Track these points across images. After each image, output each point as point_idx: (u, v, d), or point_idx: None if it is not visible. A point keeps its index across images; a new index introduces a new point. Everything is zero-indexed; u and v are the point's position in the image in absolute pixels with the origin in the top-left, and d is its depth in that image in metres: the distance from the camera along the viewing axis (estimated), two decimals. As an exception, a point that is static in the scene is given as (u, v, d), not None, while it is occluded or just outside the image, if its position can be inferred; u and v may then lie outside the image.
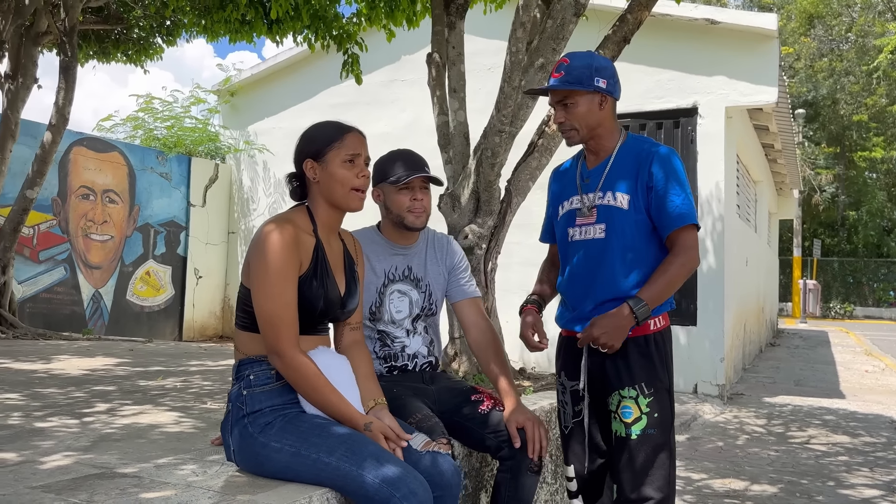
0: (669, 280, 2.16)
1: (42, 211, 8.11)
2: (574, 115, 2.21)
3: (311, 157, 2.08)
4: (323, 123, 2.17)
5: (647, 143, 2.28)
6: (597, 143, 2.28)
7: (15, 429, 2.47)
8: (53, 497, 1.69)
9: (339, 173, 2.05)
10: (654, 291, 2.15)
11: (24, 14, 6.57)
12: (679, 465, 4.68)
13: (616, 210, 2.22)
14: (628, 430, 2.21)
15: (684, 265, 2.18)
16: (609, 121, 2.25)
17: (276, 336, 1.90)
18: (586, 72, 2.17)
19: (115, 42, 7.99)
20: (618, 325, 2.12)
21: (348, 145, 2.08)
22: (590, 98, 2.19)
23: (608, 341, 2.12)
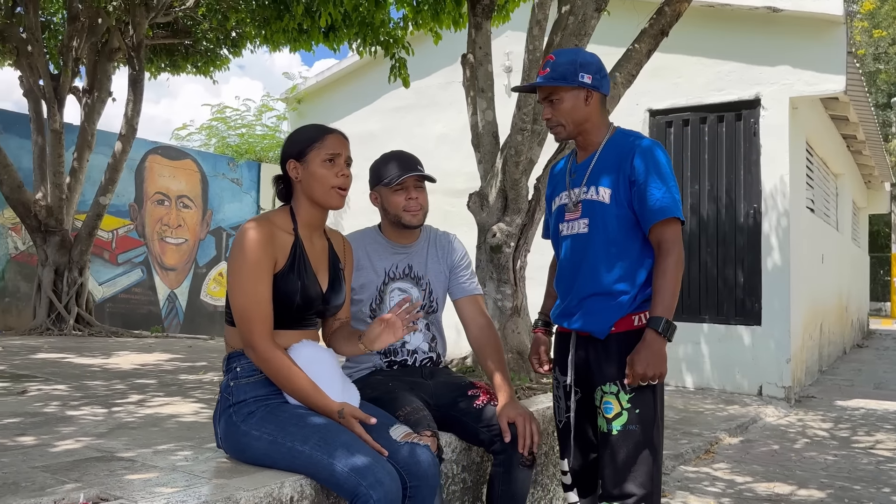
0: (672, 285, 2.14)
1: (120, 216, 8.63)
2: (560, 111, 2.21)
3: (294, 157, 2.17)
4: (306, 126, 2.27)
5: (631, 136, 2.26)
6: (584, 139, 2.28)
7: (47, 416, 2.67)
8: (48, 476, 1.83)
9: (319, 172, 2.13)
10: (665, 303, 2.12)
11: (98, 32, 7.02)
12: (725, 468, 4.56)
13: (598, 204, 2.22)
14: (609, 425, 2.19)
15: (677, 265, 2.15)
16: (596, 115, 2.25)
17: (249, 330, 1.99)
18: (570, 68, 2.18)
19: (185, 55, 8.40)
20: (653, 352, 2.10)
21: (328, 145, 2.16)
22: (575, 94, 2.19)
23: (655, 371, 2.10)
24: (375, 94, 9.73)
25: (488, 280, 4.10)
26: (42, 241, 6.89)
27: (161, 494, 1.72)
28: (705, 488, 4.10)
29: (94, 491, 1.71)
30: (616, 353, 2.21)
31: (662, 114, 7.90)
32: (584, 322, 2.26)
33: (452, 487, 2.51)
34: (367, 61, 9.52)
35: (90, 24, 6.95)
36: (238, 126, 10.96)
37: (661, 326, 2.11)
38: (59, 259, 6.91)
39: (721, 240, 7.49)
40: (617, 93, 4.41)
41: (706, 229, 7.57)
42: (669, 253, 2.15)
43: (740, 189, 7.39)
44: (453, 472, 2.51)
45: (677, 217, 2.16)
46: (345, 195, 2.19)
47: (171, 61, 8.43)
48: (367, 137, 9.91)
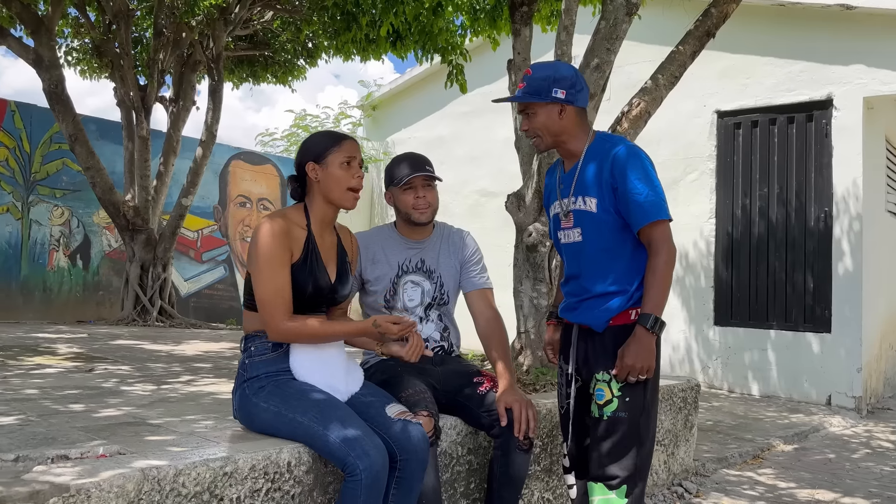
0: (662, 282, 2.24)
1: (205, 217, 9.20)
2: (535, 124, 2.33)
3: (313, 159, 2.38)
4: (323, 132, 2.49)
5: (608, 143, 2.34)
6: (564, 150, 2.39)
7: (102, 390, 3.00)
8: (82, 434, 2.11)
9: (338, 174, 2.34)
10: (654, 300, 2.23)
11: (182, 46, 7.56)
12: (770, 473, 4.49)
13: (587, 214, 2.33)
14: (600, 411, 2.30)
15: (668, 262, 2.25)
16: (573, 127, 2.33)
17: (269, 315, 2.20)
18: (544, 84, 2.28)
19: (264, 65, 8.89)
20: (642, 347, 2.22)
21: (346, 149, 2.37)
22: (549, 108, 2.30)
23: (643, 364, 2.22)
24: (445, 100, 9.95)
25: (525, 278, 4.22)
26: (130, 239, 7.48)
27: (170, 452, 1.96)
28: (742, 491, 4.07)
29: (114, 447, 1.96)
30: (611, 344, 2.32)
31: (730, 115, 7.76)
32: (583, 317, 2.38)
33: (458, 468, 2.66)
34: (437, 69, 9.78)
35: (175, 39, 7.49)
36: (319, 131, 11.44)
37: (650, 323, 2.21)
38: (145, 256, 7.48)
39: (790, 244, 7.29)
40: (659, 94, 4.45)
41: (775, 233, 7.39)
42: (658, 252, 2.24)
43: (811, 192, 7.17)
44: (458, 454, 2.66)
45: (662, 218, 2.24)
46: (357, 197, 2.39)
47: (251, 71, 8.94)
48: (437, 142, 10.17)
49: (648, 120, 4.46)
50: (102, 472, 1.72)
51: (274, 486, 2.06)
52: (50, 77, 6.81)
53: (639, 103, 4.39)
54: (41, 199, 7.92)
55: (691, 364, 7.89)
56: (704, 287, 7.85)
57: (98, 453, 1.89)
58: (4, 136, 7.65)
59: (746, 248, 7.58)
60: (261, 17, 8.11)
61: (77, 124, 6.97)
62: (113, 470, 1.74)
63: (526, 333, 4.23)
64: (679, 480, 4.10)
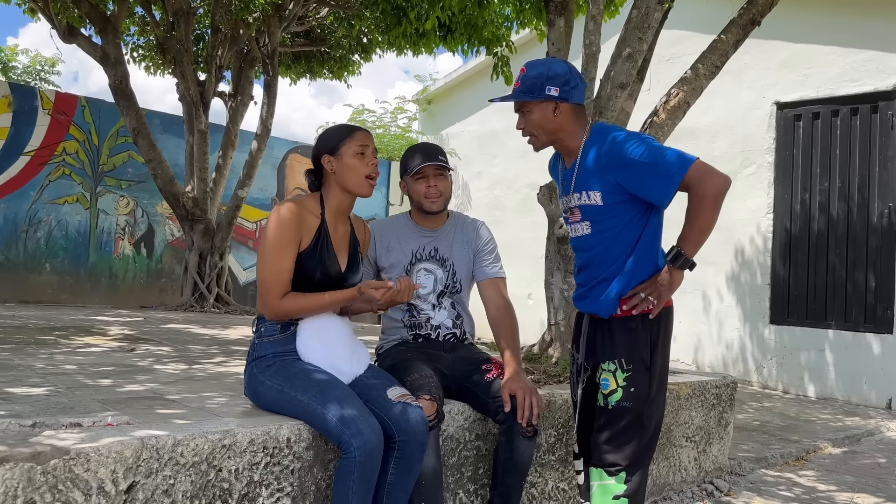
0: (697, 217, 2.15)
1: (264, 209, 9.47)
2: (530, 123, 2.34)
3: (328, 152, 2.46)
4: (336, 125, 2.58)
5: (603, 133, 2.32)
6: (562, 146, 2.39)
7: (135, 367, 3.16)
8: (100, 406, 2.25)
9: (352, 163, 2.42)
10: (685, 234, 2.21)
11: (240, 42, 7.80)
12: (811, 475, 4.36)
13: (593, 208, 2.32)
14: (605, 400, 2.31)
15: (708, 196, 2.14)
16: (569, 124, 2.32)
17: (266, 294, 2.30)
18: (537, 82, 2.28)
19: (320, 61, 9.08)
20: (657, 278, 2.24)
21: (358, 139, 2.44)
22: (543, 106, 2.29)
23: (649, 293, 2.24)
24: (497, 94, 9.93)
25: (555, 270, 4.21)
26: (189, 229, 7.78)
27: (174, 424, 2.07)
28: (777, 492, 3.96)
29: (124, 417, 2.09)
30: (618, 334, 2.32)
31: (791, 107, 7.50)
32: (592, 305, 2.38)
33: (465, 453, 2.70)
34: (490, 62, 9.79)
35: (232, 35, 7.74)
36: (376, 127, 11.60)
37: (671, 256, 2.21)
38: (203, 245, 7.78)
39: (851, 241, 7.01)
40: (699, 84, 4.36)
41: (835, 229, 7.11)
42: (698, 187, 2.15)
43: (874, 187, 6.87)
44: (466, 439, 2.70)
45: (686, 167, 2.16)
46: (373, 184, 2.47)
47: (308, 67, 9.14)
48: (490, 136, 10.18)
49: (687, 110, 4.37)
50: (103, 438, 1.84)
51: (273, 461, 2.14)
52: (115, 73, 7.15)
53: (677, 93, 4.31)
54: (108, 190, 8.33)
55: (745, 363, 7.69)
56: (760, 284, 7.63)
57: (107, 422, 2.01)
58: (75, 129, 8.07)
59: (805, 244, 7.33)
60: (316, 14, 8.29)
61: (140, 118, 7.29)
62: (114, 437, 1.85)
63: (556, 325, 4.22)
64: (711, 478, 4.02)
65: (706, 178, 2.16)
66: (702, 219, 2.18)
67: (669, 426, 3.72)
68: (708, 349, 7.99)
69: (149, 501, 1.88)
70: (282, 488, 2.17)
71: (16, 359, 3.17)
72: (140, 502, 1.86)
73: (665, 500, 3.71)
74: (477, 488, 2.74)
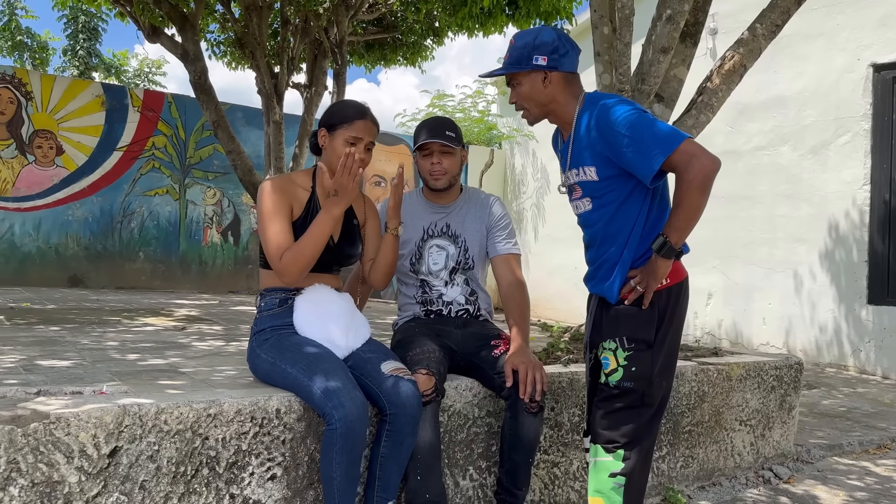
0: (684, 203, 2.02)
1: (342, 197, 9.69)
2: (521, 96, 2.24)
3: (326, 127, 2.48)
4: (348, 102, 2.55)
5: (590, 105, 2.18)
6: (556, 118, 2.27)
7: (172, 344, 3.31)
8: (110, 376, 2.36)
9: (339, 149, 2.42)
10: (671, 222, 2.08)
11: (311, 33, 7.97)
12: (891, 464, 4.01)
13: (591, 183, 2.21)
14: (606, 379, 2.20)
15: (695, 181, 1.99)
16: (560, 94, 2.21)
17: (272, 254, 2.31)
18: (524, 52, 2.18)
19: (393, 48, 9.15)
20: (647, 268, 2.13)
21: (355, 129, 2.43)
22: (532, 77, 2.19)
23: (638, 282, 2.15)
24: (576, 71, 9.70)
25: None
26: (268, 217, 8.05)
27: (166, 394, 2.14)
28: (846, 481, 3.67)
29: (124, 387, 2.18)
30: (622, 311, 2.21)
31: (889, 68, 6.90)
32: (598, 287, 2.28)
33: (475, 429, 2.66)
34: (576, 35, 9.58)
35: (303, 27, 7.92)
36: (455, 111, 11.60)
37: (657, 244, 2.09)
38: (281, 232, 8.03)
39: (959, 212, 6.38)
40: (757, 46, 4.07)
41: (940, 200, 6.49)
42: (685, 171, 2.02)
43: (985, 151, 6.22)
44: (475, 415, 2.65)
45: (674, 146, 2.01)
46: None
47: (381, 55, 9.23)
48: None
49: (744, 74, 4.10)
50: (86, 405, 1.92)
51: (263, 431, 2.18)
52: (194, 69, 7.47)
53: (732, 56, 4.05)
54: (195, 182, 8.75)
55: (840, 347, 7.18)
56: (857, 262, 7.08)
57: (101, 390, 2.11)
58: (163, 125, 8.52)
59: (906, 217, 6.74)
60: (386, 1, 8.35)
61: (219, 112, 7.59)
62: (96, 404, 1.94)
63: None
64: (770, 465, 3.78)
65: (692, 160, 2.00)
66: (687, 205, 2.03)
67: (719, 409, 3.52)
68: (800, 332, 7.51)
69: (133, 466, 1.95)
70: (272, 458, 2.20)
71: (68, 336, 3.39)
72: (124, 466, 1.94)
73: (714, 486, 3.52)
74: (489, 465, 2.70)
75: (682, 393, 3.37)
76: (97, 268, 8.14)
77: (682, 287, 2.24)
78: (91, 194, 8.10)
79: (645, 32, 3.89)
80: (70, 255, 8.00)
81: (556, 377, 2.92)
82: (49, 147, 7.85)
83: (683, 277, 2.24)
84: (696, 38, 4.17)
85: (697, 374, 3.44)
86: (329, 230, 2.30)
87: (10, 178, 7.66)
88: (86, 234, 8.09)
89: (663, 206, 2.23)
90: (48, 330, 3.58)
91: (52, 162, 7.88)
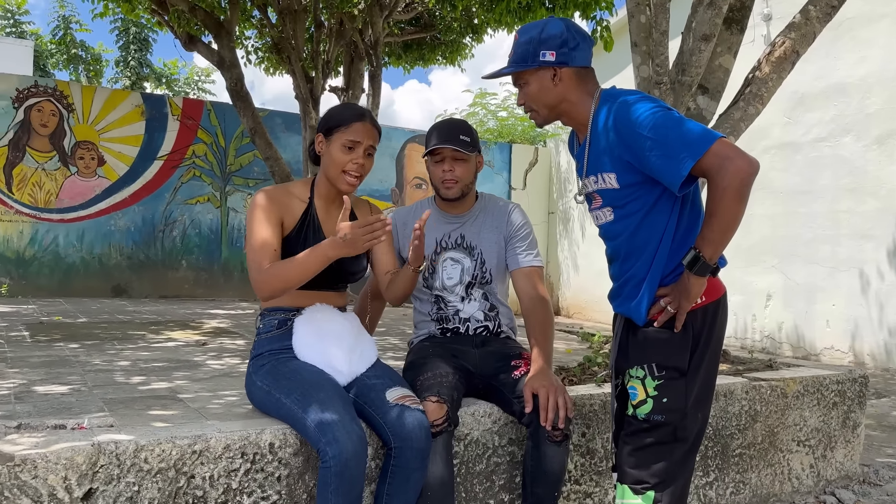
0: (718, 211, 1.74)
1: (383, 200, 9.54)
2: (528, 96, 1.99)
3: (323, 132, 2.29)
4: (345, 106, 2.36)
5: (607, 103, 1.91)
6: (569, 119, 2.01)
7: (186, 363, 3.17)
8: (102, 405, 2.22)
9: (336, 155, 2.23)
10: (703, 233, 1.80)
11: (346, 36, 7.84)
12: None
13: (611, 191, 1.95)
14: (634, 411, 1.95)
15: (730, 187, 1.71)
16: (573, 93, 1.95)
17: (254, 264, 2.11)
18: (529, 48, 1.93)
19: (432, 47, 8.96)
20: (678, 285, 1.88)
21: (352, 132, 2.23)
22: (540, 75, 1.94)
23: (668, 301, 1.89)
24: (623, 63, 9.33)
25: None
26: (306, 223, 7.95)
27: (150, 427, 1.98)
28: (919, 508, 3.31)
29: (110, 419, 2.03)
30: (651, 334, 1.95)
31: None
32: (624, 306, 2.03)
33: (495, 459, 2.43)
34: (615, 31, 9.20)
35: (338, 29, 7.79)
36: (499, 109, 11.36)
37: (688, 260, 1.82)
38: (320, 238, 7.92)
39: None
40: (810, 30, 3.73)
41: None
42: (717, 175, 1.73)
43: None
44: (495, 444, 2.43)
45: (706, 147, 1.74)
46: (354, 181, 2.24)
47: (419, 54, 9.06)
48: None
49: (796, 61, 3.76)
50: (56, 443, 1.77)
51: (255, 467, 2.00)
52: (231, 76, 7.42)
53: (783, 42, 3.72)
54: (236, 189, 8.73)
55: (914, 351, 6.68)
56: (929, 260, 6.58)
57: (81, 424, 1.96)
58: (202, 132, 8.52)
59: (984, 210, 6.21)
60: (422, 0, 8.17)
61: (256, 118, 7.53)
62: (68, 442, 1.79)
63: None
64: (833, 489, 3.44)
65: (727, 163, 1.71)
66: (722, 214, 1.74)
67: (773, 428, 3.21)
68: (867, 335, 7.03)
69: (110, 509, 1.80)
70: (267, 496, 2.02)
71: (82, 355, 3.29)
72: (101, 510, 1.79)
73: (770, 514, 3.22)
74: (512, 498, 2.46)
75: (732, 413, 3.08)
76: (140, 277, 8.19)
77: (719, 305, 1.96)
78: (133, 204, 8.15)
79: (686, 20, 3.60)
80: (113, 265, 8.06)
81: (588, 399, 2.67)
82: (91, 158, 7.92)
83: (721, 294, 1.97)
84: (742, 23, 3.84)
85: (748, 392, 3.14)
86: (320, 268, 2.07)
87: (53, 190, 7.75)
88: (128, 243, 8.14)
89: (695, 213, 1.95)
90: (65, 348, 3.50)
91: (94, 173, 7.95)
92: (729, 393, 3.07)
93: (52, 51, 17.64)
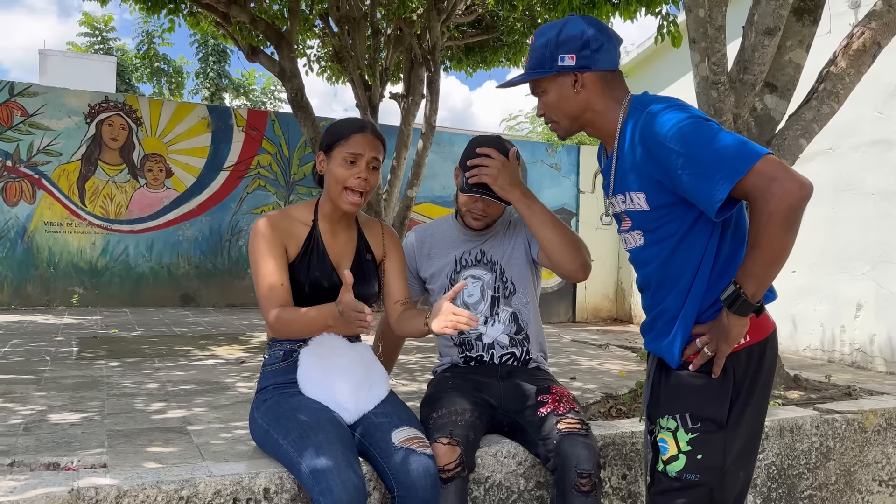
0: (761, 243, 1.49)
1: (447, 206, 9.38)
2: (548, 107, 1.76)
3: (323, 150, 2.14)
4: (345, 120, 2.20)
5: (634, 111, 1.67)
6: (594, 130, 1.76)
7: (215, 386, 3.08)
8: (103, 440, 2.14)
9: (337, 171, 2.07)
10: (745, 267, 1.55)
11: (404, 42, 7.73)
12: None
13: (641, 213, 1.70)
14: (665, 467, 1.70)
15: (776, 212, 1.46)
16: (598, 101, 1.71)
17: (263, 307, 2.03)
18: (546, 51, 1.71)
19: (494, 49, 8.75)
20: (716, 324, 1.63)
21: (352, 144, 2.06)
22: (560, 82, 1.71)
23: (705, 342, 1.64)
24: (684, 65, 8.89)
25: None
26: (365, 232, 7.89)
27: (140, 467, 1.87)
28: None
29: (104, 458, 1.94)
30: (685, 380, 1.69)
31: None
32: (655, 345, 1.78)
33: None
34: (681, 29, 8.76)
35: (396, 36, 7.69)
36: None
37: (727, 297, 1.57)
38: (380, 247, 7.84)
39: None
40: (893, 19, 3.34)
41: None
42: (760, 200, 1.48)
43: None
44: (520, 487, 2.22)
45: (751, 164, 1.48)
46: (357, 200, 2.07)
47: (482, 57, 8.86)
48: (688, 109, 9.11)
49: (878, 54, 3.38)
50: (33, 489, 1.68)
51: (249, 514, 1.86)
52: (292, 86, 7.43)
53: (862, 33, 3.35)
54: (300, 198, 8.75)
55: None
56: None
57: (70, 465, 1.87)
58: (267, 143, 8.59)
59: None
60: (482, 1, 7.98)
61: (316, 128, 7.51)
62: (46, 488, 1.69)
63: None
64: (924, 536, 3.05)
65: (772, 185, 1.45)
66: (767, 245, 1.48)
67: (850, 467, 2.86)
68: (971, 350, 6.38)
69: (90, 559, 1.69)
70: (262, 546, 1.88)
71: (116, 375, 3.27)
72: (80, 560, 1.68)
73: (846, 564, 2.87)
74: (541, 547, 2.25)
75: (800, 450, 2.75)
76: (208, 286, 8.31)
77: (766, 345, 1.68)
78: (200, 214, 8.28)
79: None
80: (181, 275, 8.21)
81: (629, 437, 2.42)
82: (159, 170, 8.10)
83: (770, 333, 1.69)
84: (815, 14, 3.49)
85: (820, 427, 2.80)
86: (322, 330, 2.02)
87: (123, 202, 7.96)
88: (196, 253, 8.28)
89: (739, 238, 1.68)
90: (105, 367, 3.50)
91: (162, 184, 8.12)
92: (796, 428, 2.75)
93: (137, 65, 18.37)
